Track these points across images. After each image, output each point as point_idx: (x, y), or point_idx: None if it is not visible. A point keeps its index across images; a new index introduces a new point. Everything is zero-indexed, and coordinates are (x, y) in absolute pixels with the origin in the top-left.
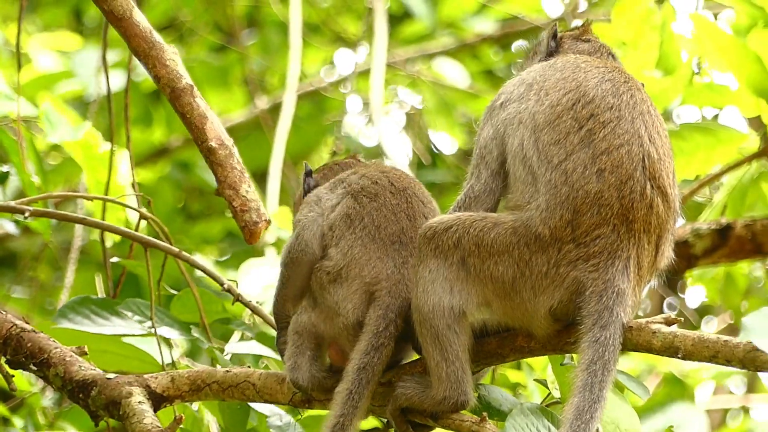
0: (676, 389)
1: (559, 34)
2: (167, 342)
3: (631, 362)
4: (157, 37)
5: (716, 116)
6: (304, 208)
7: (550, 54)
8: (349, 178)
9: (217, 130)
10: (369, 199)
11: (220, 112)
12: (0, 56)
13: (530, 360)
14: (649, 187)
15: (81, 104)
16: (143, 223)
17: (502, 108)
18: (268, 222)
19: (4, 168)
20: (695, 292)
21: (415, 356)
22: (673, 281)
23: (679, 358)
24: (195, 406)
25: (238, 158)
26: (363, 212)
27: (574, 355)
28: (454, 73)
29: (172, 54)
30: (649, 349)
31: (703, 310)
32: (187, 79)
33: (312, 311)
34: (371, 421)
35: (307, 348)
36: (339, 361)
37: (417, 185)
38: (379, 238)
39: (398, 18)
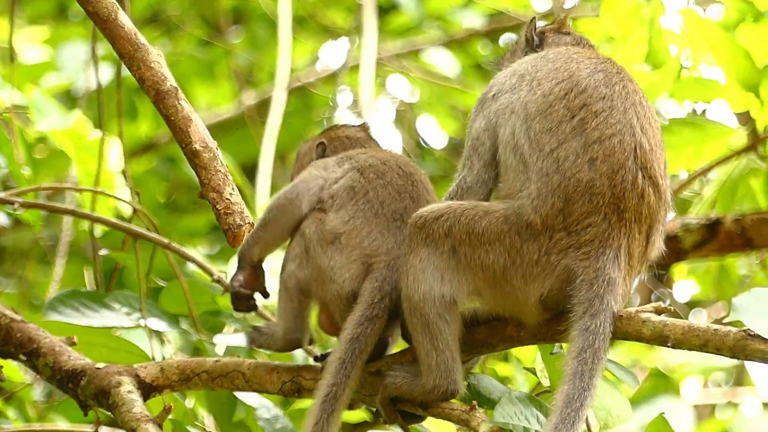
0: (662, 383)
1: (539, 29)
2: (158, 335)
3: (617, 356)
4: (142, 39)
5: (704, 111)
6: (311, 168)
7: (534, 48)
8: (357, 156)
9: (201, 132)
10: (376, 175)
11: (207, 106)
12: None
13: (519, 353)
14: (640, 176)
15: (68, 98)
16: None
17: (494, 99)
18: (252, 225)
19: None
20: (684, 285)
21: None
22: (661, 275)
23: (668, 346)
24: (190, 403)
25: (222, 161)
26: (368, 186)
27: (563, 345)
28: (445, 62)
29: (157, 56)
30: (639, 338)
31: (692, 304)
32: (171, 81)
33: (306, 267)
34: (360, 414)
35: (295, 302)
36: (328, 328)
37: (422, 174)
38: (382, 214)
39: (386, 10)
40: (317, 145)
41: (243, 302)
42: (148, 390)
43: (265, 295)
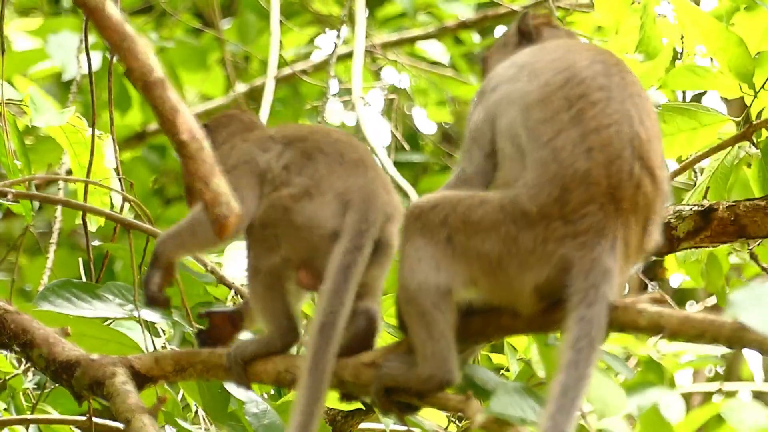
0: (653, 373)
1: (531, 23)
2: (150, 326)
3: (607, 347)
4: (130, 29)
5: (696, 97)
6: (237, 171)
7: (530, 42)
8: (278, 133)
9: (188, 123)
10: (321, 136)
11: (198, 94)
12: None
13: (513, 342)
14: (637, 167)
15: (58, 86)
16: (126, 206)
17: (493, 91)
18: (239, 216)
19: None
20: (676, 277)
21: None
22: (655, 262)
23: (664, 337)
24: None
25: (210, 152)
26: (320, 145)
27: (558, 335)
28: (436, 51)
29: (145, 46)
30: (635, 328)
31: (681, 297)
32: (159, 72)
33: (280, 249)
34: (353, 403)
35: (281, 298)
36: (311, 282)
37: None
38: (344, 162)
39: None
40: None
41: (160, 303)
42: (142, 381)
43: (171, 285)
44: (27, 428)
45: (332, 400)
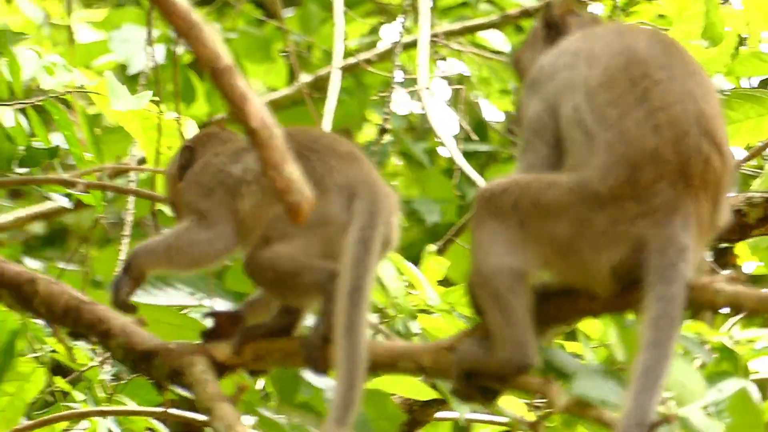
0: (727, 362)
1: (557, 15)
2: None
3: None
4: (197, 16)
5: (762, 83)
6: (214, 197)
7: (560, 34)
8: (243, 141)
9: (258, 110)
10: (300, 135)
11: (262, 84)
12: (41, 32)
13: (587, 329)
14: (705, 143)
15: (121, 79)
16: None
17: (549, 80)
18: (312, 201)
19: (54, 141)
20: (747, 265)
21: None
22: (723, 255)
23: (743, 316)
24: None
25: (281, 138)
26: (305, 143)
27: (635, 318)
28: (498, 41)
29: (212, 34)
30: (712, 307)
31: (754, 284)
32: (227, 59)
33: (288, 243)
34: (430, 392)
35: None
36: None
37: None
38: (338, 155)
39: None
40: (183, 151)
41: (128, 311)
42: (221, 369)
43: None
44: (105, 419)
45: (408, 389)
